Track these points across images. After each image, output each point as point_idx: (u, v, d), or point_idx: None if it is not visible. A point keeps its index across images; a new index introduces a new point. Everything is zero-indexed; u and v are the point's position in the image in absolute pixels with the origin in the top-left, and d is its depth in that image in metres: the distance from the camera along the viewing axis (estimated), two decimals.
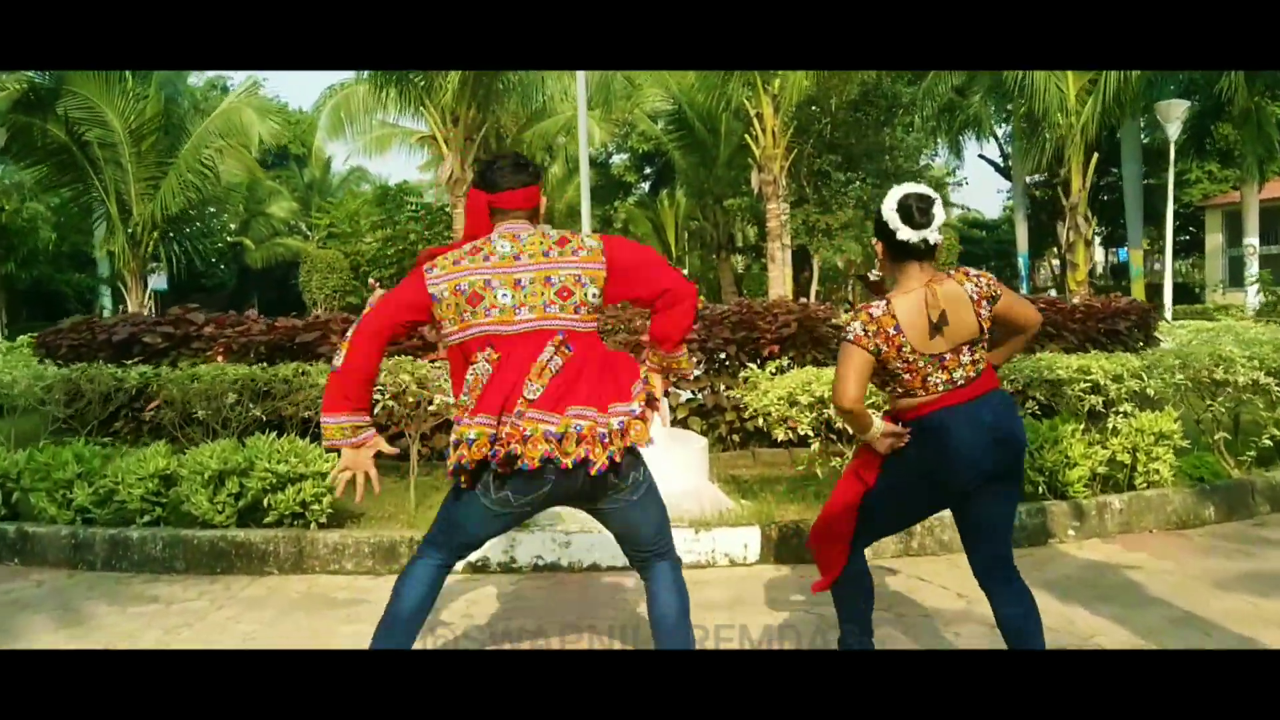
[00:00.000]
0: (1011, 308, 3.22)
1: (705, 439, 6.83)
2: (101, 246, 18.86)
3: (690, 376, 3.92)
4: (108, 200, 16.90)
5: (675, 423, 7.47)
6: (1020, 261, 31.74)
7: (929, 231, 3.09)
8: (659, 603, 3.17)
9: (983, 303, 3.13)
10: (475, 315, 2.88)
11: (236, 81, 40.66)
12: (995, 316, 3.17)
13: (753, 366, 6.87)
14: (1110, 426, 5.92)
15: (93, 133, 16.38)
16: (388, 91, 17.23)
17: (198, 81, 40.63)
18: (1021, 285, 31.55)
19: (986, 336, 3.19)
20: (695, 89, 21.52)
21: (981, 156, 37.97)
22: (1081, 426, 5.83)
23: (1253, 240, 25.59)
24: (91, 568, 5.43)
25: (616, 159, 36.87)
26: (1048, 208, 31.73)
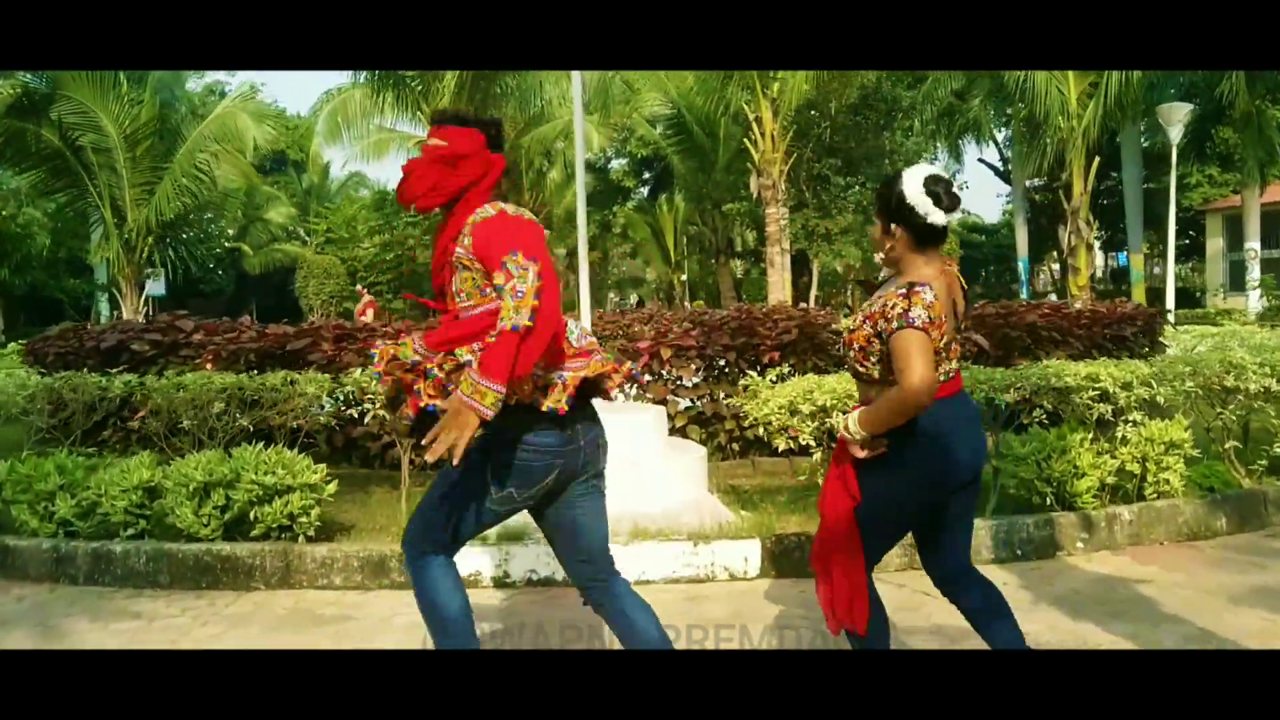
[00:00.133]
0: None
1: (704, 448, 6.71)
2: (96, 252, 18.70)
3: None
4: (102, 206, 16.78)
5: (673, 431, 7.32)
6: (1020, 266, 31.68)
7: (956, 213, 3.00)
8: (637, 626, 2.97)
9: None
10: None
11: (234, 87, 40.53)
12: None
13: (753, 374, 6.73)
14: (1119, 435, 5.77)
15: (87, 138, 16.26)
16: (384, 96, 17.14)
17: (196, 87, 40.59)
18: (1021, 290, 31.50)
19: None
20: (694, 93, 21.42)
21: (981, 160, 38.10)
22: (1090, 435, 5.68)
23: (1254, 244, 25.54)
24: (74, 582, 5.28)
25: (615, 164, 36.86)
26: (1047, 212, 31.69)
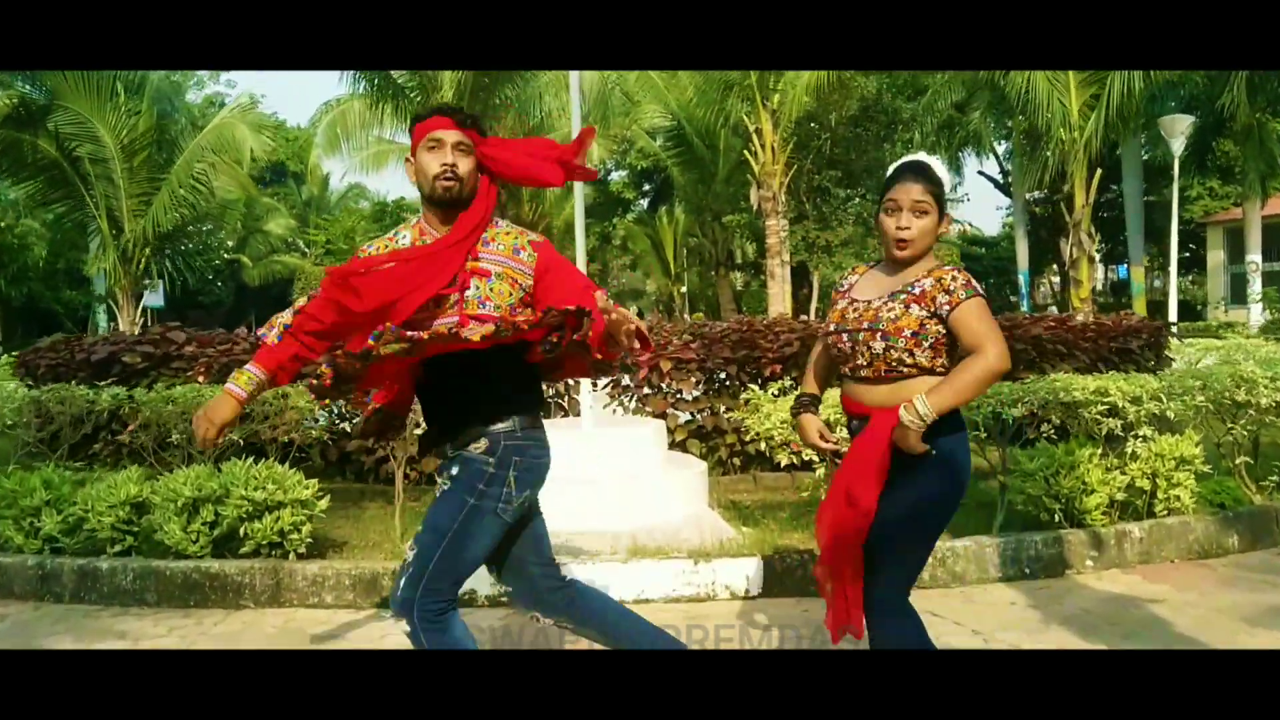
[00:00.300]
0: None
1: (704, 463, 6.58)
2: (93, 263, 18.58)
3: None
4: (99, 217, 16.63)
5: (673, 445, 7.19)
6: (1021, 279, 31.59)
7: None
8: (610, 606, 3.08)
9: None
10: None
11: (233, 97, 40.52)
12: None
13: (754, 387, 6.62)
14: (1129, 451, 5.64)
15: (84, 148, 16.09)
16: (384, 107, 17.02)
17: (196, 98, 40.62)
18: (1022, 302, 31.41)
19: None
20: (694, 104, 21.31)
21: (981, 173, 37.87)
22: (1099, 451, 5.56)
23: (1255, 257, 25.46)
24: (59, 600, 5.15)
25: (615, 175, 36.79)
26: (1048, 224, 31.62)
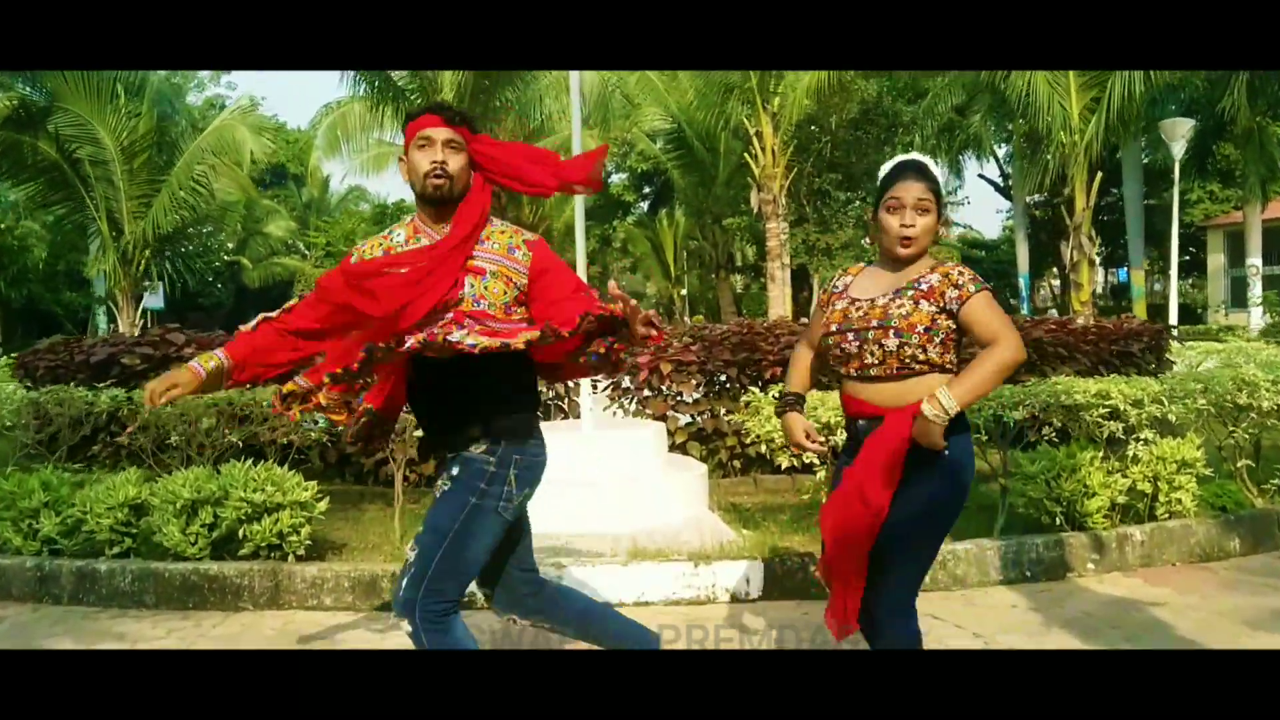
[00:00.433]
0: None
1: (704, 465, 6.57)
2: (92, 265, 18.57)
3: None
4: (99, 218, 16.63)
5: (673, 448, 7.18)
6: (1021, 282, 31.59)
7: None
8: (589, 606, 3.21)
9: None
10: None
11: (234, 100, 40.57)
12: None
13: (754, 390, 6.60)
14: (1130, 454, 5.63)
15: (84, 150, 16.10)
16: (384, 109, 17.02)
17: (196, 100, 40.63)
18: (1022, 306, 31.41)
19: None
20: (694, 107, 21.32)
21: (981, 176, 37.96)
22: (1100, 454, 5.55)
23: (1255, 261, 25.46)
24: (58, 601, 5.14)
25: (615, 178, 36.80)
26: (1048, 227, 31.65)
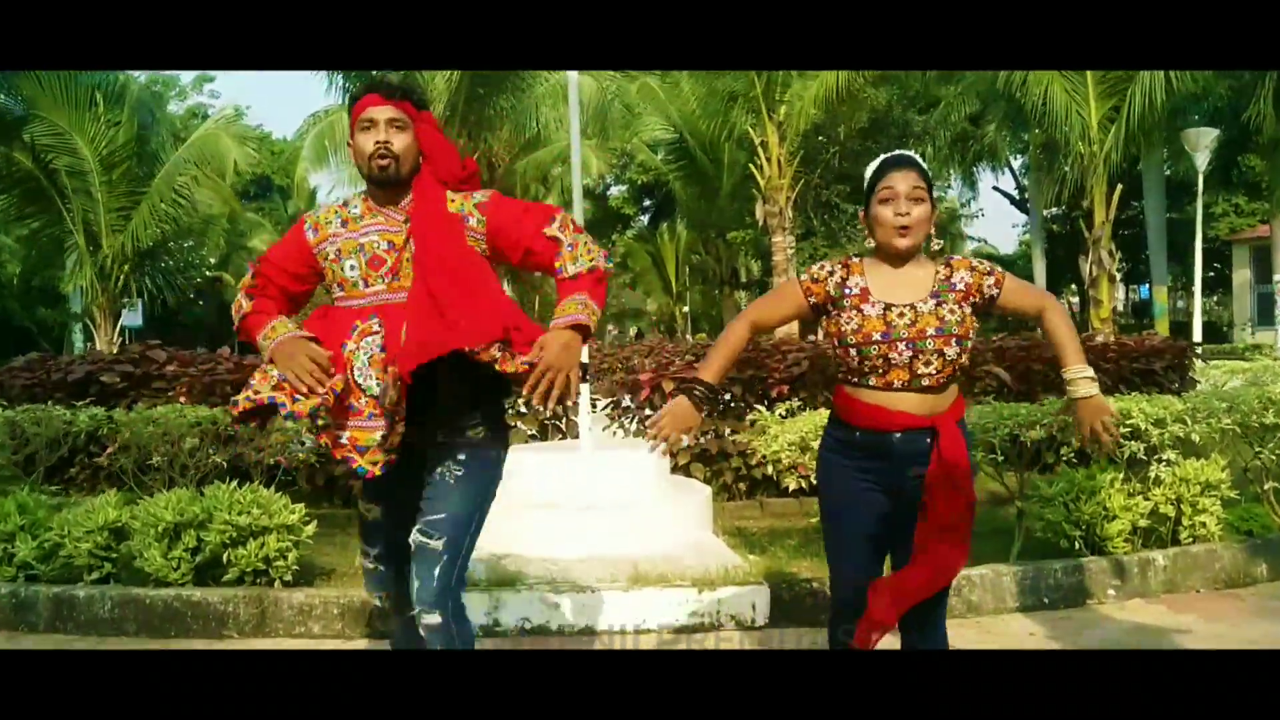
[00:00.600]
0: None
1: (709, 488, 6.58)
2: (69, 280, 18.58)
3: None
4: (76, 231, 16.66)
5: (676, 470, 7.19)
6: None
7: None
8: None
9: None
10: None
11: (216, 109, 40.71)
12: None
13: (760, 409, 6.63)
14: (1152, 475, 5.66)
15: (61, 160, 16.13)
16: None
17: (178, 109, 40.80)
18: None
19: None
20: (697, 116, 21.39)
21: (996, 189, 38.05)
22: (1121, 475, 5.57)
23: None
24: (34, 630, 5.14)
25: (614, 190, 36.95)
26: (1065, 242, 31.73)
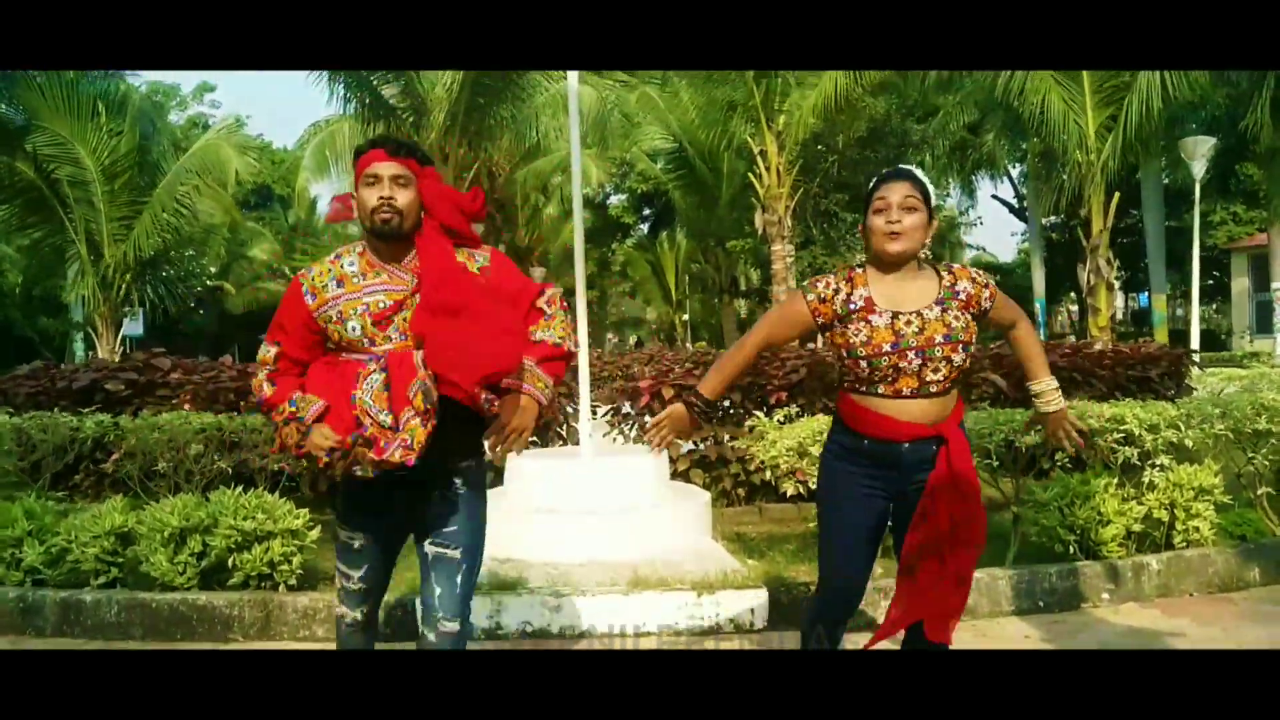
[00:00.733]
0: None
1: (708, 493, 6.65)
2: (71, 289, 18.69)
3: None
4: (78, 241, 16.77)
5: (676, 476, 7.26)
6: (1037, 306, 31.75)
7: None
8: None
9: None
10: None
11: (217, 119, 40.81)
12: None
13: (759, 415, 6.70)
14: (1146, 481, 5.73)
15: (63, 170, 16.27)
16: (375, 128, 17.18)
17: (178, 119, 40.97)
18: (1039, 331, 31.56)
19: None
20: (696, 126, 21.49)
21: (995, 197, 38.21)
22: (1115, 480, 5.65)
23: None
24: (41, 634, 5.22)
25: (614, 199, 37.05)
26: (1065, 250, 31.83)
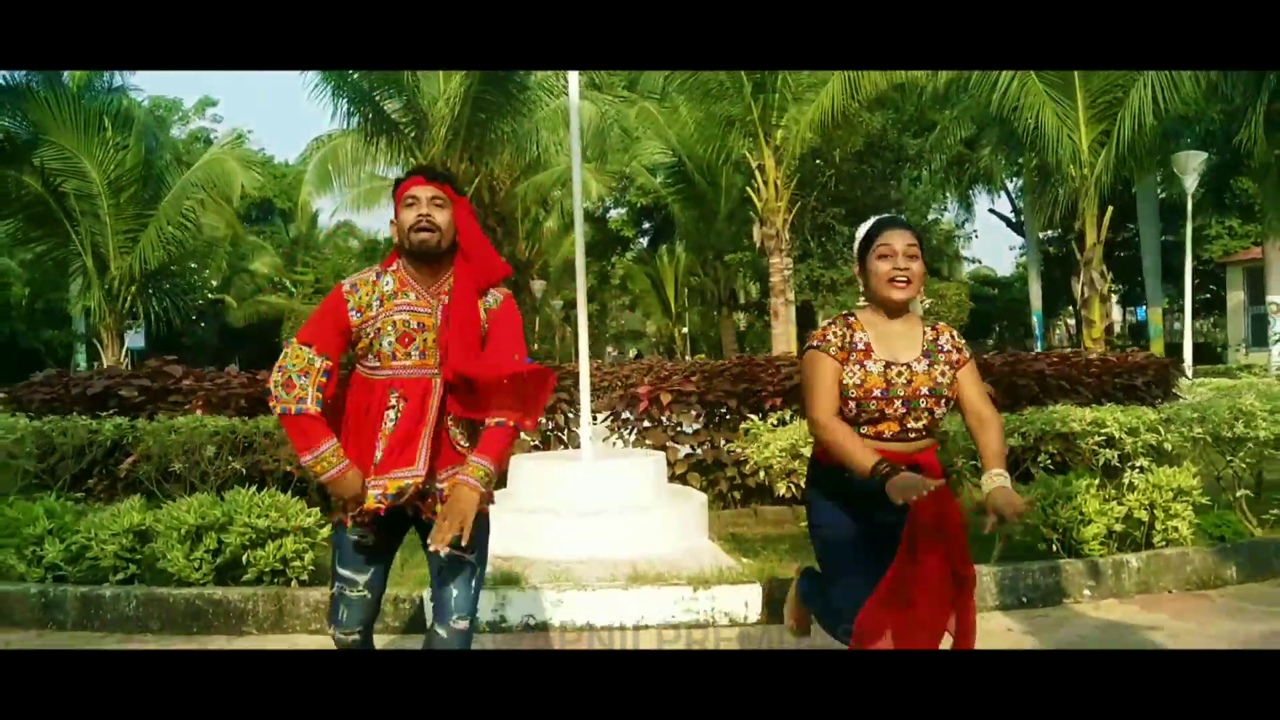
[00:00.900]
0: None
1: (704, 495, 6.85)
2: (76, 302, 18.87)
3: None
4: (84, 253, 16.93)
5: (673, 479, 7.47)
6: (1035, 319, 31.93)
7: None
8: None
9: None
10: None
11: (220, 133, 41.09)
12: None
13: (753, 417, 6.89)
14: (1126, 482, 5.95)
15: (70, 184, 16.44)
16: (378, 142, 17.40)
17: (180, 134, 41.21)
18: (1036, 345, 31.72)
19: None
20: (695, 140, 21.69)
21: (993, 211, 38.43)
22: (1096, 482, 5.86)
23: (1276, 298, 25.70)
24: (62, 628, 5.40)
25: (614, 213, 37.23)
26: (1062, 264, 32.01)
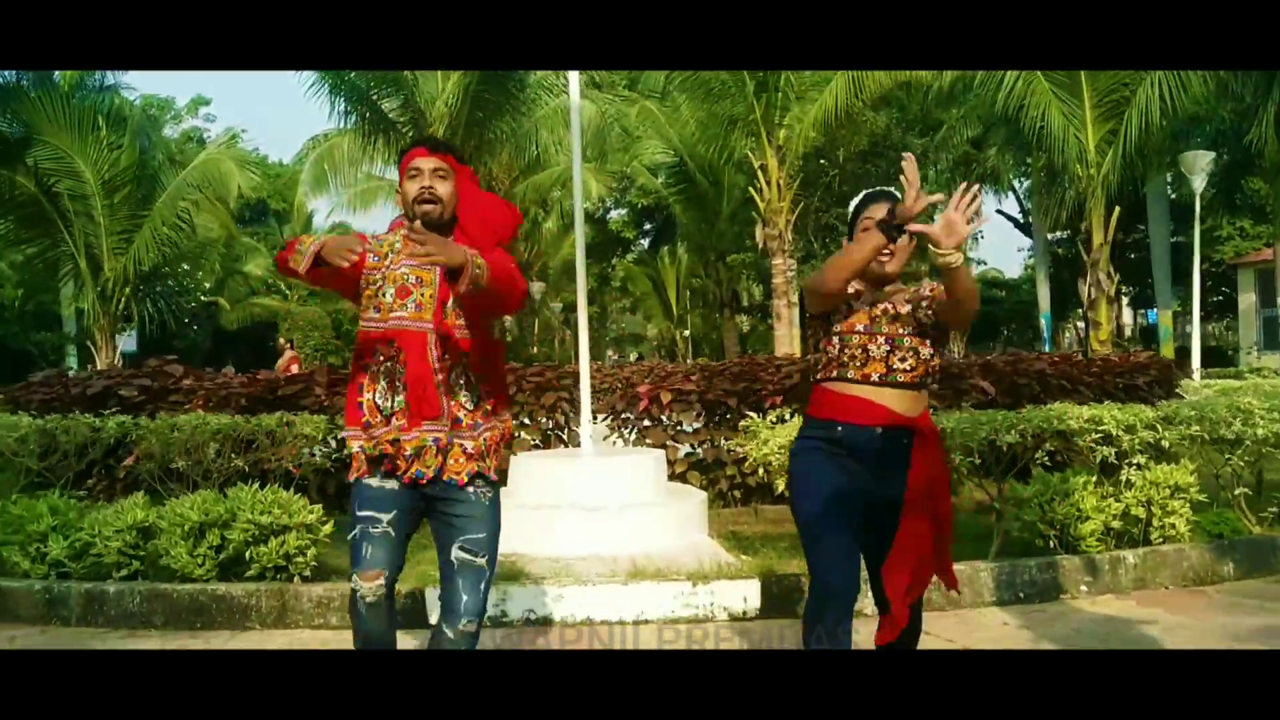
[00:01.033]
0: None
1: (704, 493, 6.99)
2: (69, 304, 18.96)
3: None
4: (78, 255, 16.97)
5: (673, 478, 7.62)
6: (1043, 321, 32.03)
7: None
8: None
9: None
10: None
11: (214, 133, 41.25)
12: None
13: (753, 415, 7.02)
14: (1124, 479, 6.09)
15: (63, 184, 16.46)
16: (374, 141, 17.52)
17: (173, 133, 41.35)
18: (1044, 346, 31.82)
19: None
20: (696, 140, 21.77)
21: (1000, 212, 38.47)
22: (1094, 479, 5.99)
23: None
24: (66, 623, 5.54)
25: (614, 214, 37.33)
26: (1070, 266, 32.07)
